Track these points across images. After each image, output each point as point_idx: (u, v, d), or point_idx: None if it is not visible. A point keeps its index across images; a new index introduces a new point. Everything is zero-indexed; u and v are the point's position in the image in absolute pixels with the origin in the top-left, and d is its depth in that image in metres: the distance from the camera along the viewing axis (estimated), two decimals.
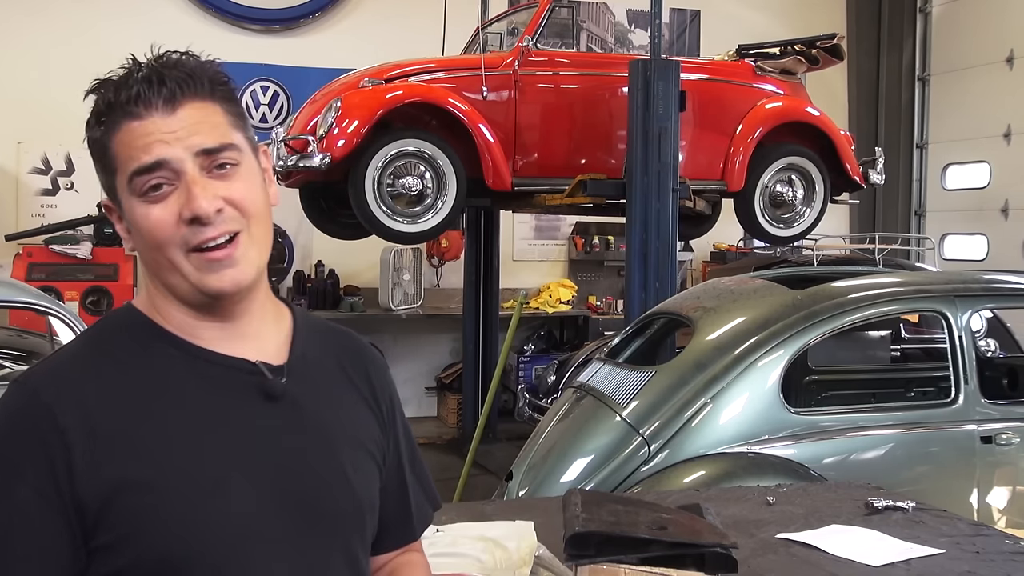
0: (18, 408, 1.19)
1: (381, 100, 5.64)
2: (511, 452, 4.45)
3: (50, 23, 8.19)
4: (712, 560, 1.93)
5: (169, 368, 1.24)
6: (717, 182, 6.53)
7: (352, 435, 1.35)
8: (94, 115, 1.24)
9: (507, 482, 3.92)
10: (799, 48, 6.80)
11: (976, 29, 9.62)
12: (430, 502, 1.53)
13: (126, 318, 1.30)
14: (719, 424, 3.65)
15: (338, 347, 1.43)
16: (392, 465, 1.43)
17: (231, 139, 1.24)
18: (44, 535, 1.14)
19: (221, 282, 1.23)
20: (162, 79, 1.21)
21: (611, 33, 9.70)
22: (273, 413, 1.27)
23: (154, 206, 1.21)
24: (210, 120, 1.23)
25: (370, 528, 1.36)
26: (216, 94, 1.25)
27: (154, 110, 1.20)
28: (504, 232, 8.24)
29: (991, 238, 9.40)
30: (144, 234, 1.22)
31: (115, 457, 1.16)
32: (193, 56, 1.26)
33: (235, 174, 1.24)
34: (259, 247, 1.27)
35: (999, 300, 4.59)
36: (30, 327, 5.93)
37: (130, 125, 1.20)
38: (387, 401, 1.43)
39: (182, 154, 1.20)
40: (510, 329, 6.38)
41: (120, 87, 1.21)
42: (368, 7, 9.00)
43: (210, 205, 1.20)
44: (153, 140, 1.19)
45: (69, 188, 8.28)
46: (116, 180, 1.23)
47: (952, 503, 3.29)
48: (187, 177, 1.20)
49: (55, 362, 1.27)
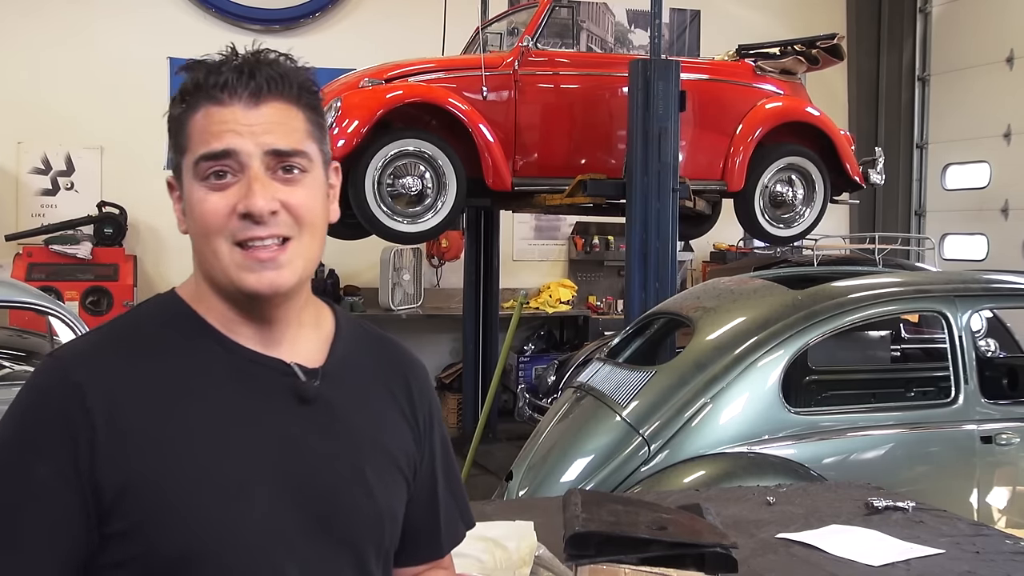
0: (48, 385, 1.19)
1: (381, 100, 5.64)
2: (511, 452, 4.45)
3: (50, 23, 8.19)
4: (712, 560, 1.93)
5: (203, 362, 1.24)
6: (717, 182, 6.53)
7: (381, 444, 1.34)
8: (180, 92, 1.24)
9: (507, 482, 3.92)
10: (799, 48, 6.80)
11: (976, 29, 9.62)
12: (463, 521, 1.51)
13: (170, 306, 1.29)
14: (719, 424, 3.65)
15: (380, 355, 1.42)
16: (424, 478, 1.41)
17: (304, 147, 1.24)
18: (58, 512, 1.14)
19: (259, 283, 1.22)
20: (253, 72, 1.21)
21: (611, 33, 9.70)
22: (304, 416, 1.26)
23: (213, 193, 1.21)
24: (289, 123, 1.23)
25: (388, 539, 1.34)
26: (302, 100, 1.25)
27: (237, 100, 1.21)
28: (504, 232, 8.24)
29: (991, 238, 9.39)
30: (196, 218, 1.22)
31: (138, 446, 1.16)
32: (290, 59, 1.26)
33: (300, 181, 1.24)
34: (306, 258, 1.25)
35: (999, 300, 4.60)
36: (30, 327, 5.94)
37: (210, 109, 1.21)
38: (425, 414, 1.41)
39: (252, 148, 1.20)
40: (510, 329, 6.38)
41: (211, 71, 1.22)
42: (368, 7, 9.00)
43: (266, 205, 1.20)
44: (228, 129, 1.20)
45: (69, 188, 8.28)
46: (184, 160, 1.23)
47: (952, 503, 3.29)
48: (250, 172, 1.20)
49: (90, 342, 1.27)
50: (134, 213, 8.18)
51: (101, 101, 8.16)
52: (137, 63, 8.29)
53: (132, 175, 8.17)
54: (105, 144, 8.26)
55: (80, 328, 4.35)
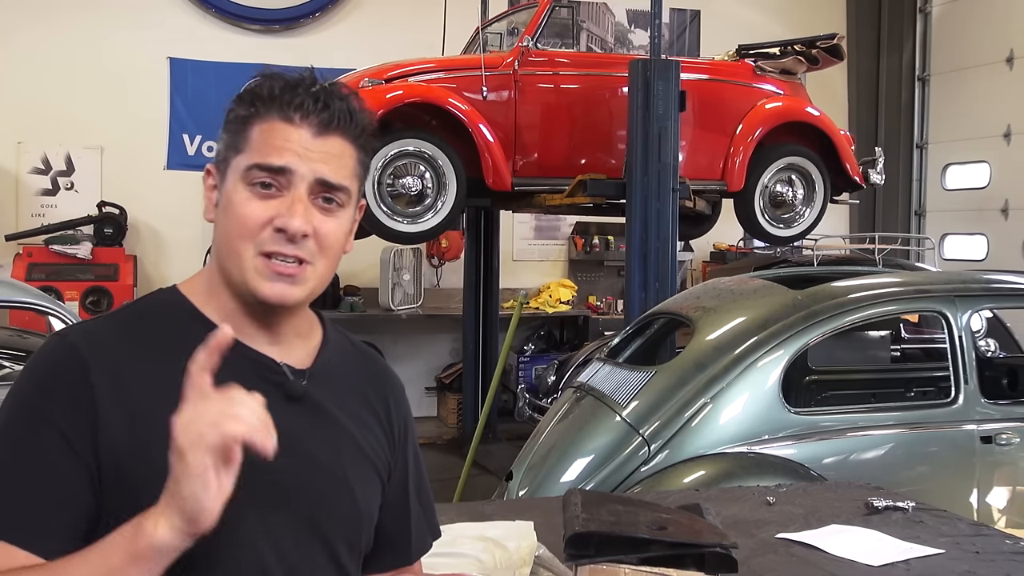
0: (55, 359, 1.24)
1: (381, 100, 5.63)
2: (511, 452, 4.45)
3: (49, 23, 8.18)
4: (712, 560, 1.93)
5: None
6: (717, 182, 6.53)
7: (361, 447, 1.40)
8: (250, 94, 1.30)
9: (507, 482, 3.92)
10: (799, 48, 6.80)
11: (976, 29, 9.62)
12: (431, 532, 1.58)
13: (171, 299, 1.35)
14: (719, 424, 3.65)
15: (362, 366, 1.48)
16: (396, 485, 1.47)
17: (348, 184, 1.32)
18: (66, 476, 1.18)
19: (271, 291, 1.29)
20: (327, 104, 1.29)
21: (611, 33, 9.70)
22: (291, 413, 1.30)
23: (256, 200, 1.28)
24: (343, 160, 1.31)
25: (364, 539, 1.40)
26: (359, 141, 1.34)
27: (307, 125, 1.28)
28: (504, 232, 8.25)
29: (991, 238, 9.40)
30: (231, 218, 1.29)
31: (134, 427, 1.21)
32: (359, 98, 1.34)
33: (335, 213, 1.32)
34: (318, 282, 1.33)
35: (999, 300, 4.60)
36: (30, 327, 5.94)
37: (279, 124, 1.28)
38: (400, 426, 1.49)
39: (306, 173, 1.28)
40: (510, 329, 6.37)
41: (288, 88, 1.29)
42: (368, 7, 8.99)
43: (302, 227, 1.27)
44: (290, 148, 1.27)
45: (69, 188, 8.27)
46: (236, 159, 1.29)
47: (952, 503, 3.29)
48: (296, 193, 1.28)
49: (95, 324, 1.33)
50: (134, 213, 8.17)
51: (101, 101, 8.16)
52: (137, 63, 8.29)
53: (132, 175, 8.18)
54: (105, 144, 8.25)
55: None
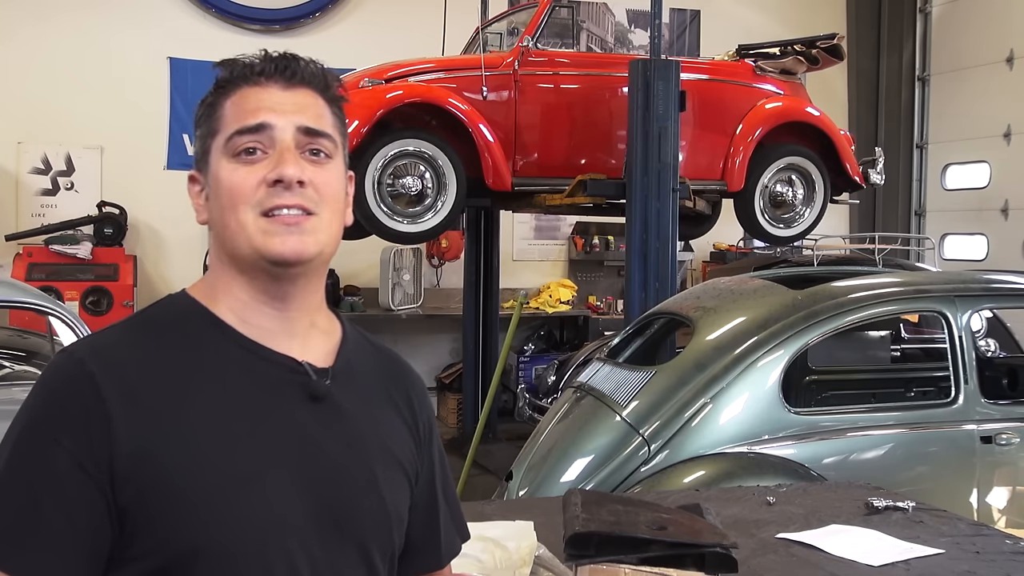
0: (64, 377, 1.20)
1: (381, 100, 5.63)
2: (511, 452, 4.45)
3: (49, 23, 8.19)
4: (712, 560, 1.93)
5: (217, 358, 1.25)
6: (717, 182, 6.53)
7: (387, 447, 1.36)
8: (215, 83, 1.30)
9: (507, 482, 3.92)
10: (799, 48, 6.80)
11: (976, 29, 9.62)
12: (459, 533, 1.53)
13: (181, 304, 1.31)
14: (719, 424, 3.65)
15: (383, 365, 1.44)
16: (424, 485, 1.43)
17: (331, 132, 1.31)
18: (77, 504, 1.15)
19: (284, 246, 1.24)
20: (287, 63, 1.30)
21: (611, 33, 9.70)
22: (314, 412, 1.27)
23: (242, 167, 1.25)
24: (317, 109, 1.30)
25: (396, 541, 1.36)
26: (328, 95, 1.32)
27: (273, 83, 1.28)
28: (504, 232, 8.24)
29: (991, 238, 9.40)
30: (223, 192, 1.26)
31: (152, 435, 1.17)
32: (320, 64, 1.34)
33: (324, 164, 1.29)
34: (327, 234, 1.29)
35: (999, 300, 4.60)
36: (30, 327, 5.93)
37: (247, 90, 1.28)
38: (425, 425, 1.44)
39: (285, 124, 1.26)
40: (510, 329, 6.38)
41: (247, 64, 1.29)
42: (368, 7, 9.00)
43: (296, 172, 1.24)
44: (264, 107, 1.26)
45: (69, 188, 8.27)
46: (214, 141, 1.28)
47: (952, 503, 3.29)
48: (282, 145, 1.25)
49: (103, 338, 1.28)
50: (134, 213, 8.17)
51: (101, 101, 8.16)
52: (137, 63, 8.29)
53: (132, 175, 8.18)
54: (105, 144, 8.25)
55: (80, 328, 4.34)
